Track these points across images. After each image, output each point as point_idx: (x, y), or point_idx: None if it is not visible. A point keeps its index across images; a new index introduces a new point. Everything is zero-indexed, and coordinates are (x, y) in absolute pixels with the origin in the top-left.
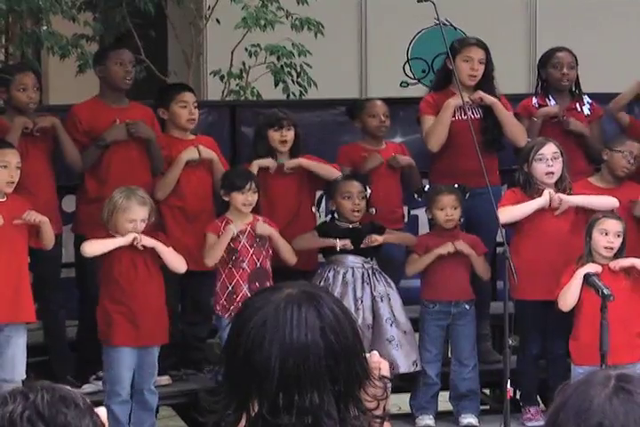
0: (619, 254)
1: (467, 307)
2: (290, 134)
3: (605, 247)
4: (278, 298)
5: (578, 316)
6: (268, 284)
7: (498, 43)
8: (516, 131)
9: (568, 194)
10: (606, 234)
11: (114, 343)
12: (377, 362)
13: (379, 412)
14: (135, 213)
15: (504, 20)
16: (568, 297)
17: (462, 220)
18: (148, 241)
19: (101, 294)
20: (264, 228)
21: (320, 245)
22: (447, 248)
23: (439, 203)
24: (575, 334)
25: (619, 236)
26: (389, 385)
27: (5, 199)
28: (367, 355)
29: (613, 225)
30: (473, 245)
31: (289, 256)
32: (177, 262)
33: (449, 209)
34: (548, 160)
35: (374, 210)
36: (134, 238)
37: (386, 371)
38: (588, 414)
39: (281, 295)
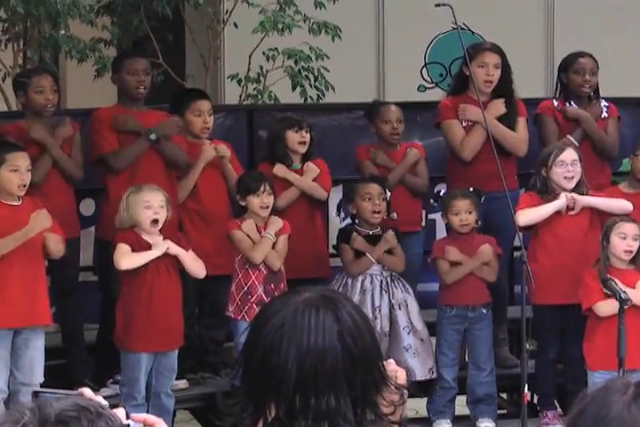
0: (636, 257)
1: (484, 311)
2: (308, 136)
3: (625, 251)
4: (297, 301)
5: (593, 319)
6: (283, 286)
7: (515, 47)
8: (514, 142)
9: None
10: (625, 238)
11: (132, 349)
12: (393, 370)
13: (395, 418)
14: (149, 196)
15: (522, 24)
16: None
17: (480, 223)
18: (174, 249)
19: (122, 298)
20: (277, 222)
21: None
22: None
23: (454, 208)
24: (590, 338)
25: (636, 239)
26: (406, 393)
27: (20, 203)
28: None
29: (632, 229)
30: (489, 246)
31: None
32: (197, 268)
33: (463, 214)
34: (568, 166)
35: (395, 214)
36: (167, 248)
37: (402, 379)
38: (607, 420)
39: (300, 299)
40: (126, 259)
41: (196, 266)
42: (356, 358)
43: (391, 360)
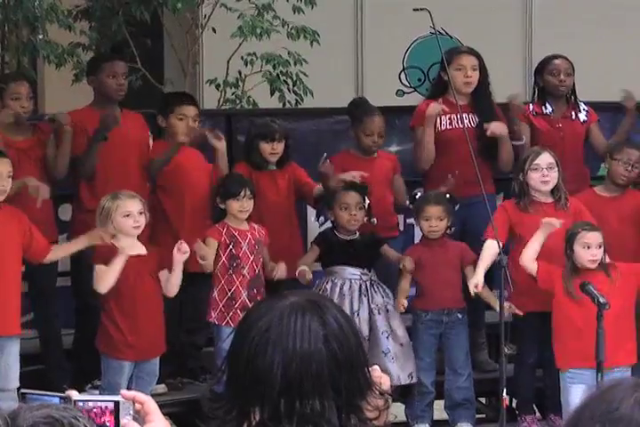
0: (602, 263)
1: (459, 316)
2: (280, 147)
3: (589, 260)
4: (283, 305)
5: (559, 319)
6: (263, 291)
7: (494, 50)
8: (509, 159)
9: (564, 204)
10: (588, 247)
11: (115, 356)
12: (378, 377)
13: (380, 422)
14: (128, 205)
15: (500, 29)
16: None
17: (452, 229)
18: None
19: (105, 306)
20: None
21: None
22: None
23: (425, 213)
24: (559, 338)
25: (600, 247)
26: (390, 399)
27: None
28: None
29: (594, 238)
30: (461, 253)
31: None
32: (173, 289)
33: (434, 220)
34: (544, 170)
35: (375, 220)
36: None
37: (387, 386)
38: (614, 416)
39: (285, 303)
40: (103, 282)
41: (173, 287)
42: (341, 363)
43: (376, 367)
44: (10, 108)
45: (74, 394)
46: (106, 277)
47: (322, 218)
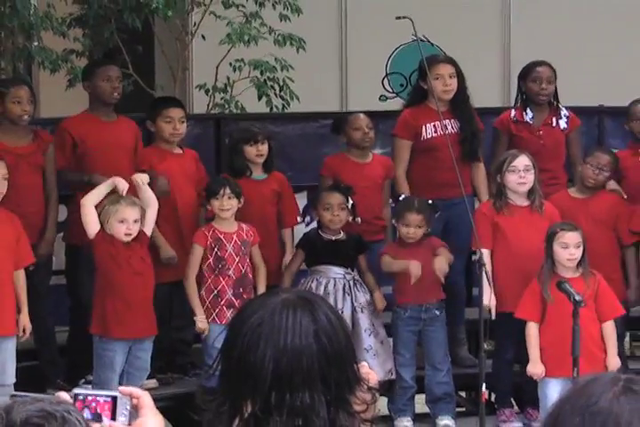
0: (581, 263)
1: (437, 313)
2: (264, 148)
3: (568, 259)
4: (275, 302)
5: (541, 328)
6: (249, 289)
7: (473, 58)
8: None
9: (539, 206)
10: (567, 247)
11: (110, 335)
12: (366, 373)
13: (367, 416)
14: (124, 213)
15: (479, 36)
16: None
17: (429, 230)
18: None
19: (97, 289)
20: None
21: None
22: (415, 272)
23: (405, 220)
24: (542, 346)
25: (578, 247)
26: (377, 394)
27: None
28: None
29: (573, 238)
30: (433, 247)
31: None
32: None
33: (412, 228)
34: (520, 172)
35: (359, 219)
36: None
37: (374, 382)
38: (594, 410)
39: (277, 299)
40: (87, 201)
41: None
42: (330, 358)
43: (364, 363)
44: (11, 111)
45: (62, 395)
46: (90, 199)
47: (308, 218)
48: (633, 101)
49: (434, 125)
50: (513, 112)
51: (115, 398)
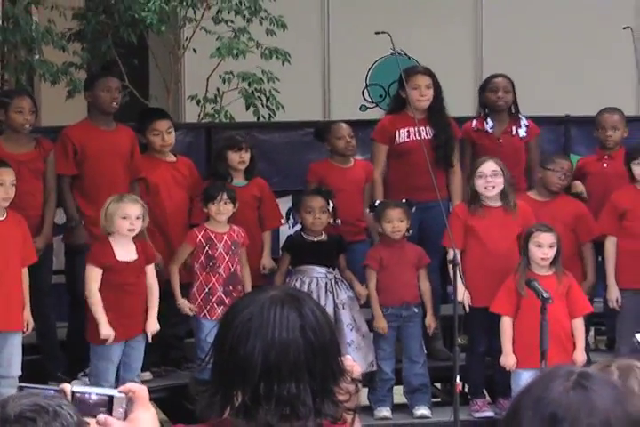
0: (555, 262)
1: (415, 310)
2: (247, 156)
3: (542, 258)
4: (264, 298)
5: (514, 322)
6: (240, 287)
7: (448, 70)
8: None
9: (512, 209)
10: (541, 246)
11: (101, 343)
12: (350, 365)
13: (350, 405)
14: (127, 208)
15: (453, 51)
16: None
17: (411, 231)
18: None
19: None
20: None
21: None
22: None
23: (387, 216)
24: (514, 339)
25: (552, 247)
26: (360, 385)
27: (5, 217)
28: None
29: (547, 238)
30: (418, 255)
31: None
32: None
33: (396, 222)
34: (487, 177)
35: (339, 221)
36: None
37: (357, 373)
38: (545, 402)
39: (266, 296)
40: (91, 294)
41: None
42: (316, 351)
43: (348, 356)
44: (14, 120)
45: (67, 387)
46: (93, 303)
47: (292, 220)
48: (599, 111)
49: (407, 131)
50: (474, 122)
51: (111, 398)
